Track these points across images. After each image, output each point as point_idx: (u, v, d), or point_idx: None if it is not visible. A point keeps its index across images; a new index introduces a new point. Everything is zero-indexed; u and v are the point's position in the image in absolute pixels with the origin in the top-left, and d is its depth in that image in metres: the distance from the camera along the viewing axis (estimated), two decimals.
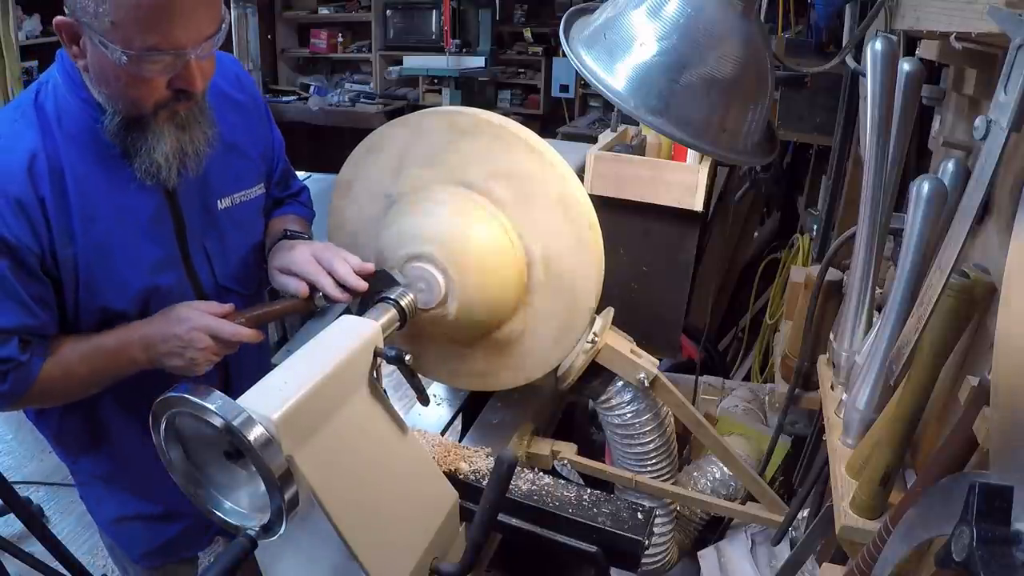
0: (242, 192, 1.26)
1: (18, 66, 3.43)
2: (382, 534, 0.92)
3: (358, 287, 1.12)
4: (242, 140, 1.26)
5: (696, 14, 0.92)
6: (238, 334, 1.11)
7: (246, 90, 1.29)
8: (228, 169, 1.22)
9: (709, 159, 1.57)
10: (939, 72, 1.19)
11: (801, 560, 1.17)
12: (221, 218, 1.23)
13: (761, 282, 2.85)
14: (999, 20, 0.71)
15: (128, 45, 0.93)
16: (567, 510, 1.12)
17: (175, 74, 1.00)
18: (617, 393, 1.34)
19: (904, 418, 0.80)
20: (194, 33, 0.97)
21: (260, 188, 1.30)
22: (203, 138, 1.10)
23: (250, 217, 1.29)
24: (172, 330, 1.09)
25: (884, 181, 0.95)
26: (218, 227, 1.23)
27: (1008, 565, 0.48)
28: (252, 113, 1.30)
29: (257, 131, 1.31)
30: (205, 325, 1.09)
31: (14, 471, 2.84)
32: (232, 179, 1.24)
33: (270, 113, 1.38)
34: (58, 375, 1.10)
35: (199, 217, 1.20)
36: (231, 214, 1.24)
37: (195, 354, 1.09)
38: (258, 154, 1.31)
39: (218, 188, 1.22)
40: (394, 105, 5.49)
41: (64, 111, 1.06)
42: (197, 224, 1.20)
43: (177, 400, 0.75)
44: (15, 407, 1.15)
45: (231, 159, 1.23)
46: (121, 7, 0.91)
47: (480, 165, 1.17)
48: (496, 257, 1.15)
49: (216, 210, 1.22)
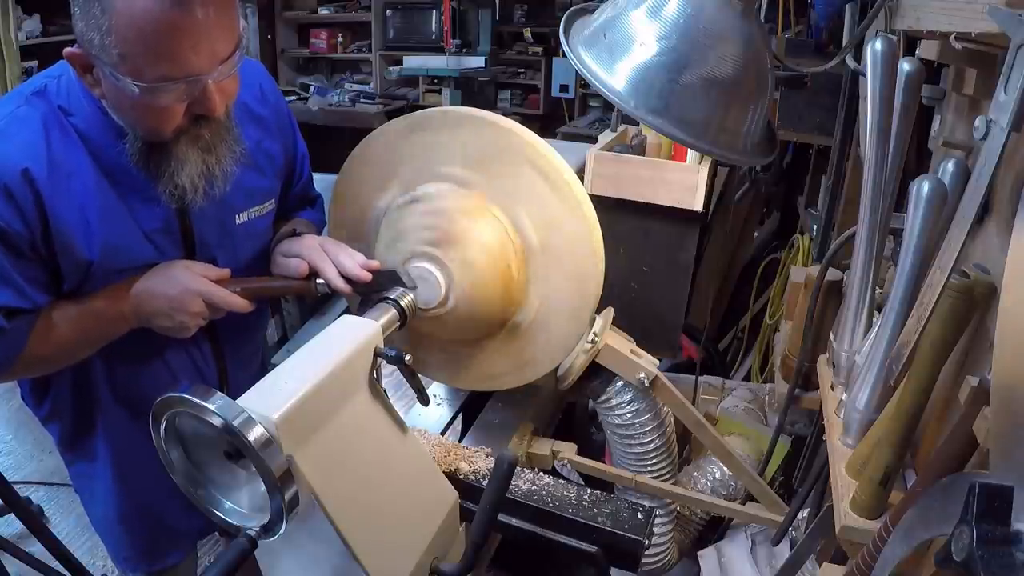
0: (256, 207, 1.24)
1: (18, 66, 3.43)
2: (382, 534, 0.92)
3: (360, 277, 1.12)
4: (261, 157, 1.23)
5: (696, 14, 0.92)
6: (230, 302, 1.10)
7: (270, 103, 1.26)
8: (246, 184, 1.19)
9: (709, 159, 1.57)
10: (939, 72, 1.19)
11: (801, 560, 1.17)
12: (238, 233, 1.22)
13: (761, 282, 2.85)
14: (999, 20, 0.71)
15: (139, 76, 0.90)
16: (567, 510, 1.12)
17: (193, 99, 0.96)
18: (617, 393, 1.34)
19: (904, 418, 0.80)
20: (207, 57, 0.92)
21: (273, 203, 1.29)
22: (230, 157, 1.07)
23: (262, 230, 1.28)
24: (165, 290, 1.08)
25: (884, 181, 0.95)
26: (233, 241, 1.22)
27: (1008, 565, 0.48)
28: (274, 126, 1.27)
29: (277, 145, 1.28)
30: (199, 289, 1.08)
31: (14, 471, 2.84)
32: (248, 195, 1.22)
33: (295, 123, 1.35)
34: (47, 339, 1.09)
35: (214, 232, 1.18)
36: (246, 228, 1.23)
37: (185, 317, 1.08)
38: (275, 171, 1.28)
39: (236, 204, 1.19)
40: (394, 105, 5.49)
41: (74, 105, 1.04)
42: (210, 238, 1.18)
43: (177, 400, 0.75)
44: (7, 377, 1.13)
45: (250, 174, 1.19)
46: (127, 40, 0.88)
47: (461, 158, 1.17)
48: (495, 252, 1.15)
49: (234, 225, 1.21)
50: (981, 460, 0.72)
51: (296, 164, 1.36)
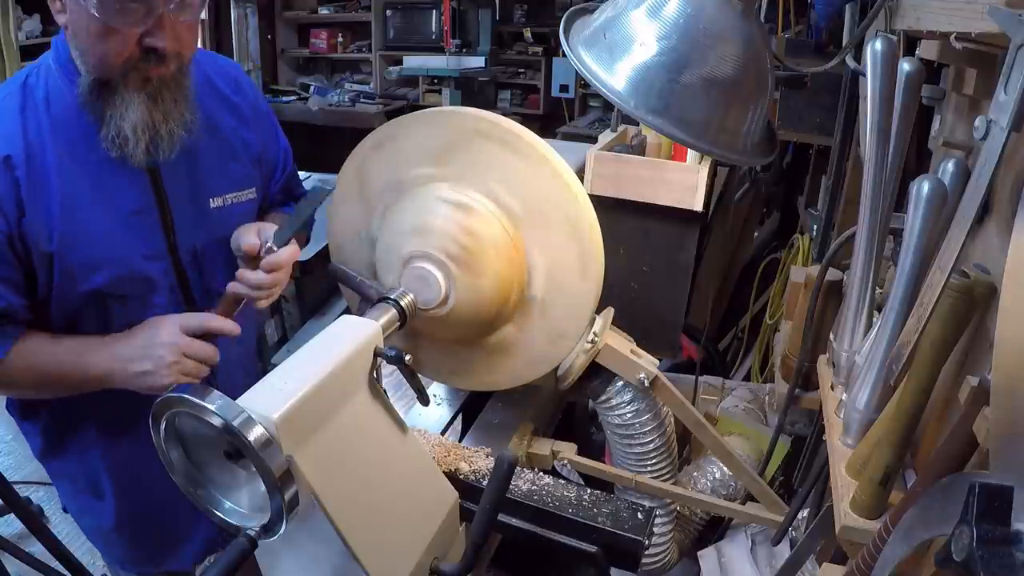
0: (234, 193, 1.25)
1: (18, 66, 3.43)
2: (382, 534, 0.92)
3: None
4: (237, 143, 1.25)
5: (696, 14, 0.92)
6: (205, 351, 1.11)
7: (247, 96, 1.28)
8: (222, 168, 1.22)
9: (709, 159, 1.57)
10: (939, 72, 1.19)
11: (801, 560, 1.17)
12: (213, 217, 1.22)
13: (761, 282, 2.85)
14: (999, 20, 0.71)
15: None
16: (567, 510, 1.12)
17: (146, 29, 0.98)
18: (617, 393, 1.34)
19: (904, 418, 0.80)
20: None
21: (252, 192, 1.30)
22: (178, 118, 1.08)
23: (241, 220, 1.28)
24: (143, 351, 1.10)
25: (884, 181, 0.95)
26: (210, 226, 1.22)
27: (1008, 565, 0.48)
28: (250, 118, 1.29)
29: (254, 135, 1.30)
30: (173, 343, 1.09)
31: (14, 471, 2.84)
32: (226, 179, 1.24)
33: (275, 120, 1.37)
34: (23, 364, 1.09)
35: (190, 214, 1.19)
36: (223, 214, 1.24)
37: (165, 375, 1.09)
38: (251, 159, 1.30)
39: (212, 186, 1.21)
40: (394, 105, 5.49)
41: (53, 93, 1.06)
42: (187, 221, 1.19)
43: (177, 400, 0.75)
44: None
45: (226, 159, 1.22)
46: None
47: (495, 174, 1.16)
48: (496, 255, 1.15)
49: (208, 208, 1.21)
50: (981, 460, 0.72)
51: (279, 158, 1.38)
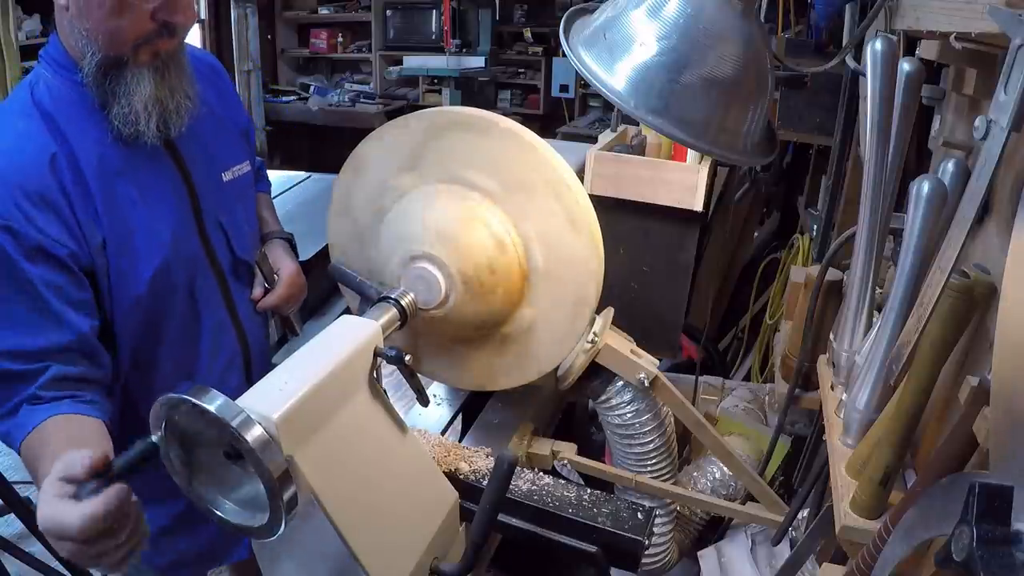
0: (237, 166, 1.28)
1: (18, 66, 3.42)
2: (382, 534, 0.92)
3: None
4: (228, 117, 1.30)
5: (696, 14, 0.92)
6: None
7: (222, 76, 1.34)
8: (225, 142, 1.26)
9: (709, 159, 1.57)
10: (939, 72, 1.19)
11: (801, 560, 1.17)
12: (227, 190, 1.25)
13: (761, 282, 2.85)
14: (999, 20, 0.71)
15: None
16: (567, 510, 1.12)
17: (160, 3, 0.98)
18: (617, 393, 1.34)
19: (904, 418, 0.80)
20: None
21: (247, 166, 1.33)
22: (182, 92, 1.08)
23: (246, 190, 1.32)
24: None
25: (884, 181, 0.95)
26: (227, 200, 1.24)
27: (1008, 565, 0.48)
28: (230, 96, 1.35)
29: (236, 114, 1.35)
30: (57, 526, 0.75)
31: (14, 471, 2.83)
32: (230, 152, 1.27)
33: (239, 99, 1.44)
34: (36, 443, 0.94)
35: (211, 192, 1.21)
36: (233, 187, 1.27)
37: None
38: (240, 133, 1.35)
39: (221, 161, 1.24)
40: (394, 105, 5.48)
41: (60, 100, 1.05)
42: (210, 199, 1.21)
43: (177, 400, 0.75)
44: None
45: (223, 133, 1.26)
46: None
47: (467, 160, 1.17)
48: (496, 253, 1.15)
49: (222, 182, 1.24)
50: (981, 460, 0.73)
51: (252, 137, 1.43)
